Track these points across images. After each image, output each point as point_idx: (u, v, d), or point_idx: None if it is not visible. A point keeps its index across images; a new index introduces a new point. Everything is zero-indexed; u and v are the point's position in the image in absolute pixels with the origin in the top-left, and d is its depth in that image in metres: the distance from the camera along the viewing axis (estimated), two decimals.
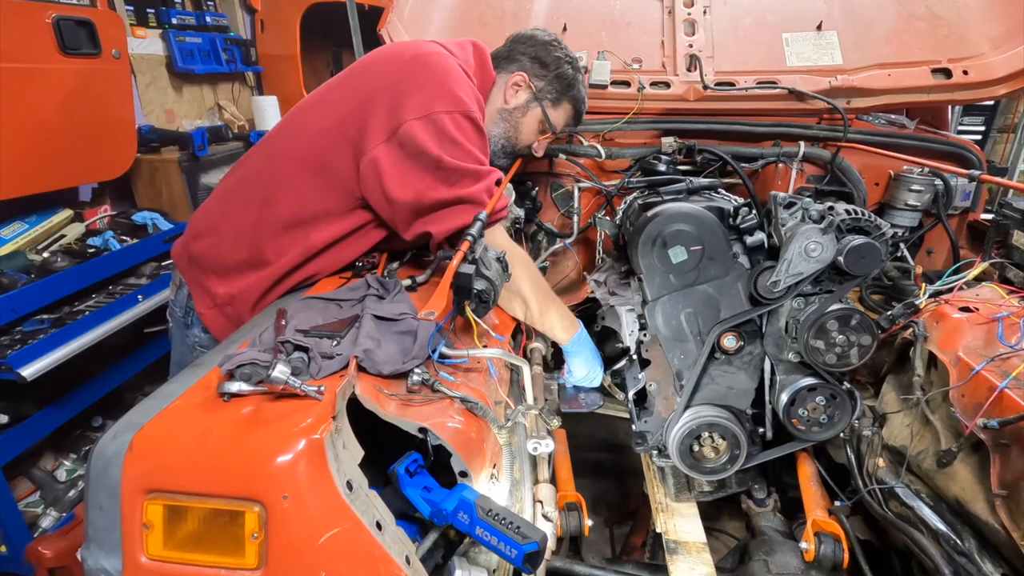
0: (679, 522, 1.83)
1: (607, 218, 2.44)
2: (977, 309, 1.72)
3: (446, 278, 1.46)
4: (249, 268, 1.85)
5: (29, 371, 2.42)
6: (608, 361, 2.19)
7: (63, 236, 3.18)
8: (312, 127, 1.80)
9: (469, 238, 1.60)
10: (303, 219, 1.80)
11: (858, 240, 1.55)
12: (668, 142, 2.46)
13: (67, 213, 3.25)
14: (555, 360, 2.25)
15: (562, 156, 2.54)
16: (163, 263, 3.31)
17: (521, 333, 2.06)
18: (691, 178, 2.30)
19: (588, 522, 1.66)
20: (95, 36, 3.00)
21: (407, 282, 1.73)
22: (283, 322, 1.38)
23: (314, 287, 1.81)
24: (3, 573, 2.69)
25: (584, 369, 2.05)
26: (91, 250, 3.08)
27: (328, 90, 1.89)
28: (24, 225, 3.04)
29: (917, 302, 1.83)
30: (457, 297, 1.45)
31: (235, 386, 1.13)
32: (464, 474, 1.22)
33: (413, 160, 1.69)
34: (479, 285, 1.46)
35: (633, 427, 1.89)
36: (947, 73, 2.43)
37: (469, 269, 1.43)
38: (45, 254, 2.95)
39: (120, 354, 3.11)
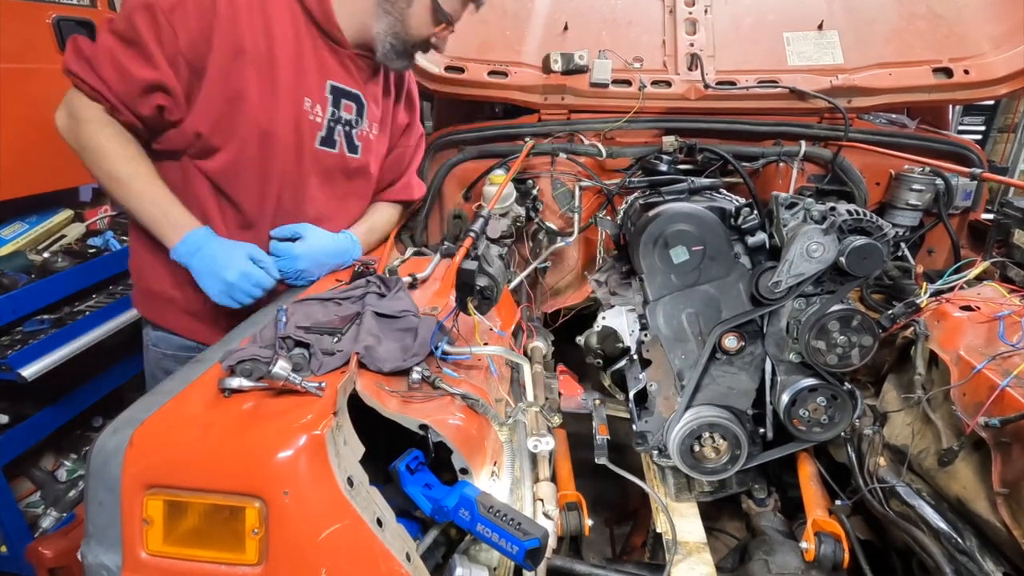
0: (679, 522, 1.83)
1: (608, 218, 2.44)
2: (978, 308, 1.72)
3: (448, 274, 1.46)
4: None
5: (29, 371, 2.42)
6: (609, 361, 2.19)
7: (63, 236, 3.17)
8: None
9: (472, 234, 1.60)
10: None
11: (860, 241, 1.55)
12: (669, 141, 2.46)
13: (67, 213, 3.24)
14: (555, 359, 2.25)
15: (563, 155, 2.54)
16: None
17: (522, 331, 2.06)
18: (692, 178, 2.30)
19: (588, 522, 1.66)
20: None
21: (408, 279, 1.73)
22: (283, 319, 1.38)
23: (308, 288, 1.80)
24: (3, 573, 2.68)
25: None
26: (91, 250, 3.08)
27: None
28: (24, 225, 3.04)
29: (918, 301, 1.83)
30: (459, 294, 1.45)
31: (236, 382, 1.13)
32: (465, 471, 1.22)
33: None
34: (482, 282, 1.46)
35: (634, 427, 1.89)
36: (948, 72, 2.43)
37: (472, 265, 1.43)
38: (45, 254, 2.95)
39: (120, 354, 3.10)
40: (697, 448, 1.77)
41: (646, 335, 1.91)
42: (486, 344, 1.51)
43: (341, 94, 1.89)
